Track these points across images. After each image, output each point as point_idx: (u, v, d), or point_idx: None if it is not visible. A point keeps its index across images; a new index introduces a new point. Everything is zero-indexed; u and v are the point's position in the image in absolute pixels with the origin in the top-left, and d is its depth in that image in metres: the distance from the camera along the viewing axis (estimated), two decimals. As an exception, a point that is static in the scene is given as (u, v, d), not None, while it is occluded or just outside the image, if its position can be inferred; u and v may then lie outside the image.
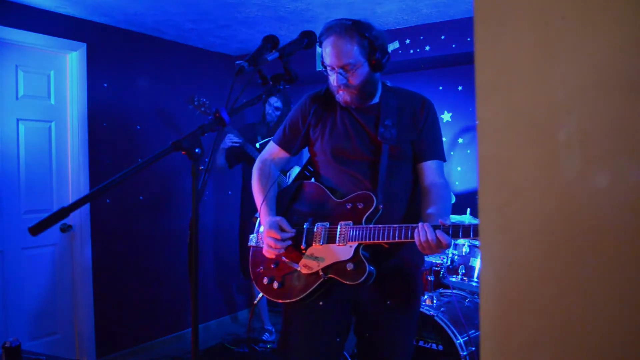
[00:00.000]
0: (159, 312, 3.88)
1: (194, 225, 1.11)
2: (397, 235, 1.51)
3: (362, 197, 1.64)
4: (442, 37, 3.48)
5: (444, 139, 1.87)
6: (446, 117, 3.82)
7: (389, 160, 1.67)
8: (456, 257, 2.87)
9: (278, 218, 1.72)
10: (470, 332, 2.54)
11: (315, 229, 1.69)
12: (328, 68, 1.68)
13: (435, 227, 1.46)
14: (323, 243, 1.65)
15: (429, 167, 1.72)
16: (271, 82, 1.51)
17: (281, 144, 1.86)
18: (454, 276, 2.84)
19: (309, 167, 1.91)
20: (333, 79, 1.67)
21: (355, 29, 1.61)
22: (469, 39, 3.39)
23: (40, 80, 3.22)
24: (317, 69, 3.89)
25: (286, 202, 1.82)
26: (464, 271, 2.80)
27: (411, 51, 3.61)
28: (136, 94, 3.72)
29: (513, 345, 0.57)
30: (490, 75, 0.57)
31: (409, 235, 1.50)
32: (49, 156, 3.29)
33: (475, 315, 2.69)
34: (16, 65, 3.09)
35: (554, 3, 0.54)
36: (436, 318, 2.51)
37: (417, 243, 1.47)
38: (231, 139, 3.52)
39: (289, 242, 1.69)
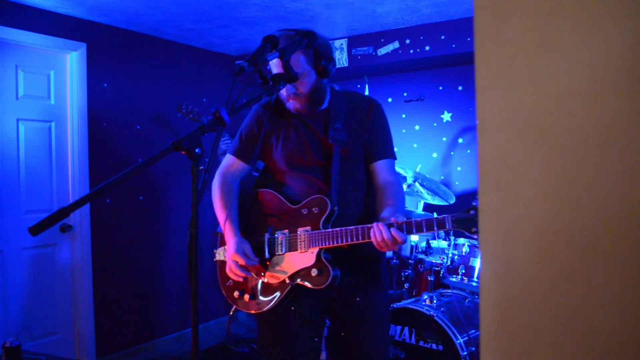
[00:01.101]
0: (159, 312, 3.88)
1: (193, 225, 1.11)
2: (354, 236, 1.57)
3: (316, 201, 1.67)
4: (442, 37, 3.48)
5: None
6: (446, 117, 3.82)
7: (341, 162, 1.71)
8: (456, 257, 2.86)
9: (245, 245, 1.73)
10: (470, 332, 2.54)
11: (276, 239, 1.73)
12: None
13: (389, 226, 1.51)
14: (285, 252, 1.70)
15: (381, 166, 1.78)
16: (271, 82, 1.51)
17: (238, 154, 1.86)
18: (454, 276, 2.84)
19: (265, 174, 1.92)
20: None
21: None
22: (469, 39, 3.39)
23: (40, 80, 3.22)
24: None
25: (246, 214, 1.83)
26: (464, 271, 2.80)
27: (411, 51, 3.61)
28: (136, 94, 3.72)
29: (513, 345, 0.57)
30: (490, 75, 0.57)
31: (366, 235, 1.55)
32: (49, 156, 3.29)
33: (475, 315, 2.69)
34: (16, 65, 3.09)
35: (554, 3, 0.54)
36: (436, 318, 2.51)
37: (374, 242, 1.53)
38: (225, 143, 3.52)
39: (249, 273, 1.71)
